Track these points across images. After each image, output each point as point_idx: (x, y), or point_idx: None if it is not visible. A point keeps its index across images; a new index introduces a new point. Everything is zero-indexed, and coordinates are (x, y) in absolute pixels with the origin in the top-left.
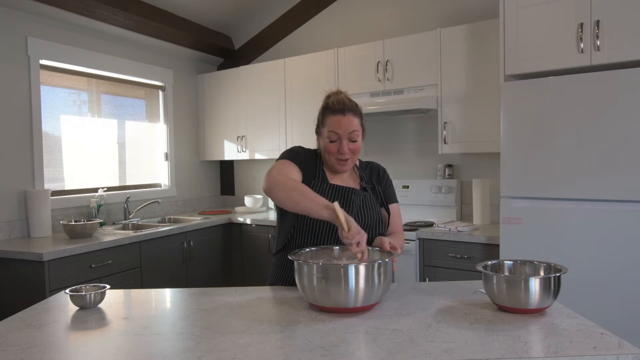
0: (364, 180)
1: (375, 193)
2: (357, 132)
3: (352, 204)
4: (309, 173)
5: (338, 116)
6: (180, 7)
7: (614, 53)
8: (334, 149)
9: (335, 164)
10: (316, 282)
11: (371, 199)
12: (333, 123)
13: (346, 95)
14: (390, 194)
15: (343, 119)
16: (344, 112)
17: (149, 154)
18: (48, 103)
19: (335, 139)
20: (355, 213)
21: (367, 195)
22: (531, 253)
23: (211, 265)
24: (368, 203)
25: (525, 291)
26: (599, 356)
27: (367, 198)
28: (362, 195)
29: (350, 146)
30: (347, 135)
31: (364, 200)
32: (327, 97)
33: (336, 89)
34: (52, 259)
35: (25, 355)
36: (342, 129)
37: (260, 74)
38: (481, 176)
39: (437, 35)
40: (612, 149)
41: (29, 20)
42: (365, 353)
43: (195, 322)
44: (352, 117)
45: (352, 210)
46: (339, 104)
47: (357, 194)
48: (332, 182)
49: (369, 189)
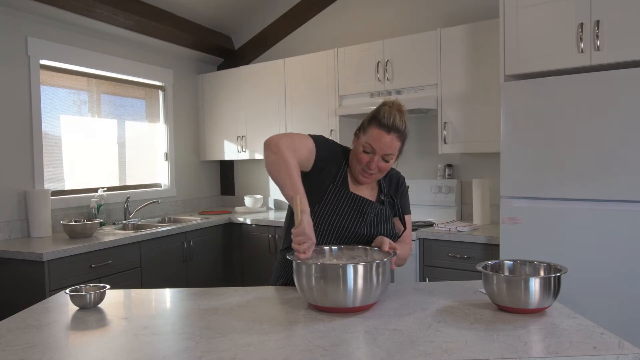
0: (382, 193)
1: (393, 206)
2: (392, 155)
3: (367, 216)
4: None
5: (382, 132)
6: (180, 7)
7: (614, 53)
8: (364, 160)
9: (359, 174)
10: (315, 282)
11: (386, 212)
12: (373, 136)
13: (401, 109)
14: (406, 205)
15: (385, 137)
16: (389, 131)
17: (149, 154)
18: (48, 103)
19: (369, 151)
20: (369, 225)
21: (383, 209)
22: (531, 253)
23: (211, 265)
24: (382, 216)
25: (525, 291)
26: (599, 356)
27: (382, 211)
28: (378, 209)
29: (380, 164)
30: (382, 154)
31: (379, 213)
32: (383, 105)
33: (395, 98)
34: (52, 259)
35: (25, 355)
36: (380, 146)
37: (260, 74)
38: (481, 176)
39: (437, 35)
40: (612, 149)
41: (29, 20)
42: (365, 353)
43: (195, 322)
44: (395, 140)
45: (364, 222)
46: (389, 120)
47: (372, 207)
48: (352, 191)
49: (387, 202)
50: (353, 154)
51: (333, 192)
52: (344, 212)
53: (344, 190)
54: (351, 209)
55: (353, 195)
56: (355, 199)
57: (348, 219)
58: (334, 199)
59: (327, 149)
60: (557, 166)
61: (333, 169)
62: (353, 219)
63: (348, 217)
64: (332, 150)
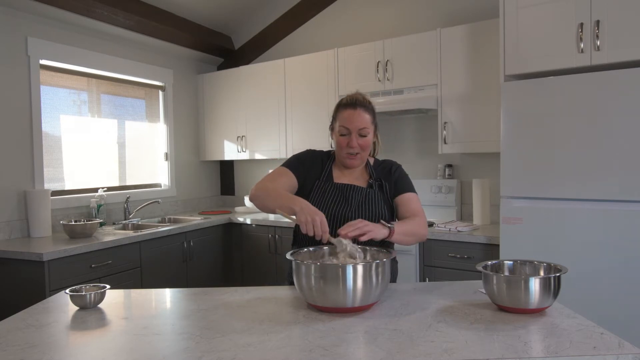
0: (372, 178)
1: (383, 190)
2: (367, 128)
3: (352, 200)
4: (313, 174)
5: (349, 110)
6: (180, 7)
7: (614, 53)
8: (344, 143)
9: (345, 159)
10: (314, 282)
11: (375, 195)
12: (344, 117)
13: (361, 94)
14: (403, 185)
15: (354, 113)
16: (355, 107)
17: (149, 154)
18: (48, 103)
19: (345, 133)
20: (354, 209)
21: (371, 192)
22: (531, 253)
23: (211, 265)
24: (370, 199)
25: (525, 291)
26: (599, 356)
27: (370, 194)
28: (365, 192)
29: (359, 141)
30: (357, 130)
31: (367, 196)
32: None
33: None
34: (52, 259)
35: (25, 355)
36: (353, 123)
37: (260, 74)
38: (481, 176)
39: (437, 35)
40: (612, 149)
41: (29, 20)
42: (365, 353)
43: (195, 322)
44: (363, 113)
45: (350, 206)
46: (351, 99)
47: (357, 191)
48: (337, 182)
49: (376, 186)
50: (335, 146)
51: (319, 186)
52: (330, 200)
53: (329, 183)
54: (336, 196)
55: (336, 185)
56: (338, 187)
57: (333, 206)
58: (320, 192)
59: (300, 162)
60: (557, 166)
61: (316, 171)
62: (338, 205)
63: (333, 204)
64: (306, 160)
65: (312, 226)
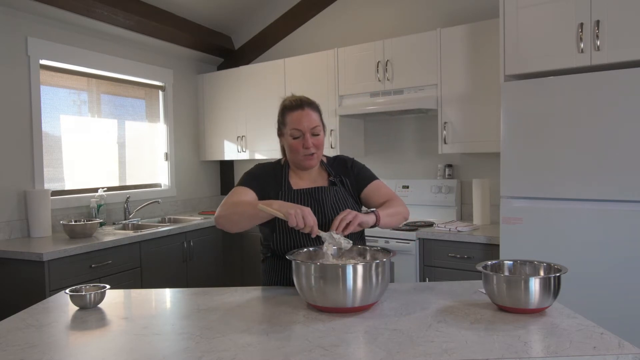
0: (332, 175)
1: (345, 186)
2: (318, 127)
3: (324, 202)
4: (272, 187)
5: (298, 112)
6: (180, 7)
7: (614, 53)
8: (299, 146)
9: (302, 161)
10: (314, 282)
11: (342, 193)
12: (293, 120)
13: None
14: (366, 176)
15: (303, 114)
16: (303, 107)
17: (149, 154)
18: (48, 103)
19: (298, 135)
20: (329, 209)
21: (338, 189)
22: (531, 253)
23: (211, 265)
24: (340, 197)
25: (525, 291)
26: (599, 356)
27: (338, 192)
28: (333, 191)
29: (313, 140)
30: (310, 130)
31: (336, 194)
32: (283, 100)
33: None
34: (52, 259)
35: (25, 355)
36: (304, 124)
37: (260, 74)
38: (481, 176)
39: (437, 35)
40: (612, 149)
41: (29, 20)
42: (365, 353)
43: (195, 322)
44: (311, 112)
45: (325, 208)
46: (297, 101)
47: (325, 191)
48: (297, 188)
49: (338, 182)
50: (288, 151)
51: (284, 197)
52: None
53: (292, 191)
54: (307, 202)
55: (301, 191)
56: (305, 192)
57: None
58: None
59: (253, 177)
60: (557, 166)
61: (272, 183)
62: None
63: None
64: (259, 174)
65: (302, 218)
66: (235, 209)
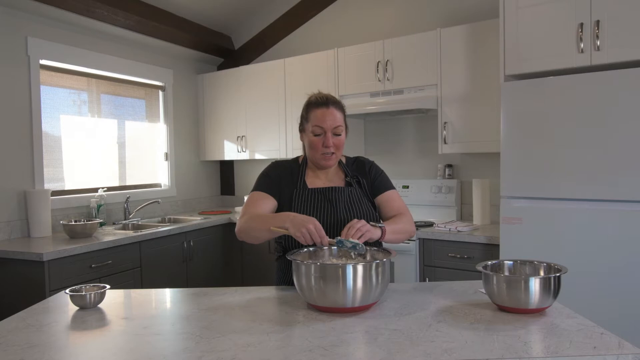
0: (348, 176)
1: (362, 187)
2: (341, 127)
3: (337, 202)
4: (288, 186)
5: (322, 109)
6: (180, 7)
7: (614, 53)
8: (319, 143)
9: (320, 160)
10: (314, 282)
11: (358, 193)
12: (317, 116)
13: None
14: (382, 183)
15: (327, 112)
16: (328, 105)
17: (149, 154)
18: (48, 103)
19: (319, 133)
20: (342, 209)
21: (353, 190)
22: (531, 253)
23: (211, 265)
24: (355, 198)
25: (525, 291)
26: (599, 356)
27: (352, 193)
28: (348, 191)
29: (334, 140)
30: (332, 129)
31: (350, 195)
32: (309, 96)
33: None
34: (52, 259)
35: (25, 355)
36: (327, 122)
37: (260, 74)
38: (481, 176)
39: (437, 35)
40: (612, 149)
41: (29, 20)
42: (365, 353)
43: (195, 322)
44: (336, 111)
45: (337, 208)
46: (322, 98)
47: (340, 192)
48: (312, 187)
49: (355, 183)
50: (307, 148)
51: (298, 195)
52: (315, 206)
53: (307, 190)
54: (319, 201)
55: (317, 189)
56: (320, 191)
57: (321, 211)
58: (301, 200)
59: (269, 179)
60: (557, 166)
61: (289, 181)
62: (325, 210)
63: (320, 210)
64: (275, 174)
65: (310, 235)
66: (252, 224)
